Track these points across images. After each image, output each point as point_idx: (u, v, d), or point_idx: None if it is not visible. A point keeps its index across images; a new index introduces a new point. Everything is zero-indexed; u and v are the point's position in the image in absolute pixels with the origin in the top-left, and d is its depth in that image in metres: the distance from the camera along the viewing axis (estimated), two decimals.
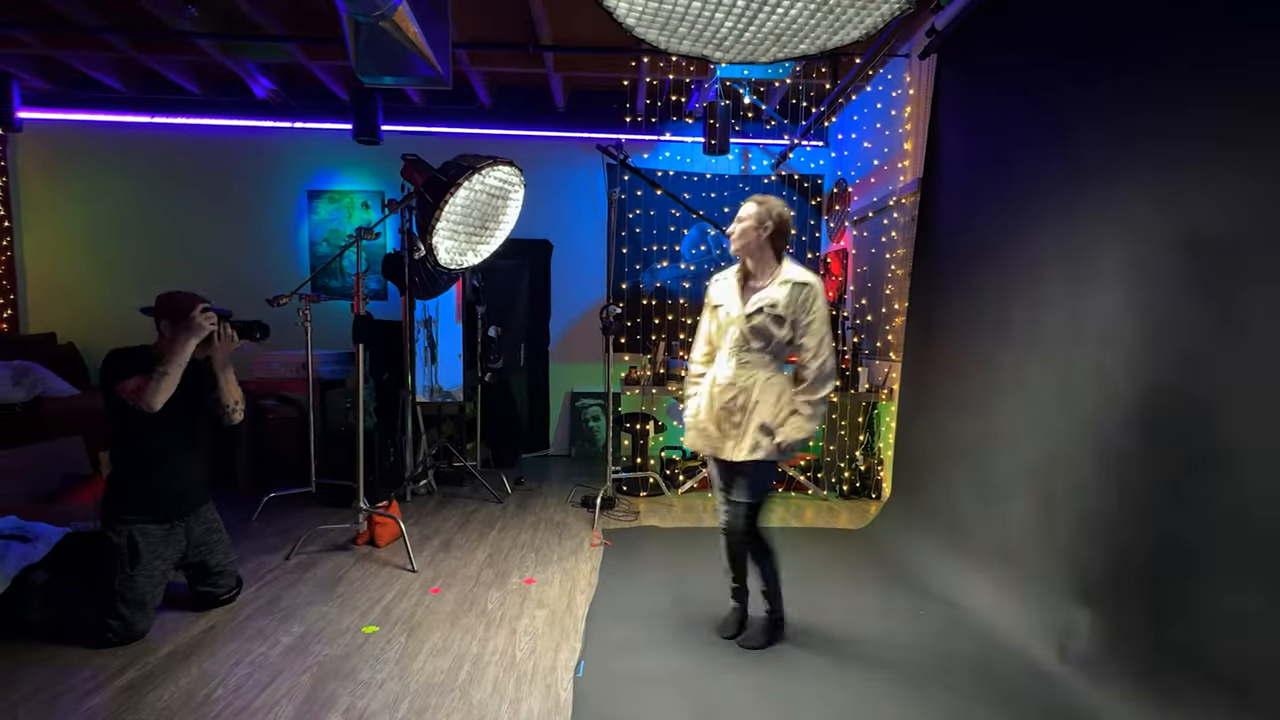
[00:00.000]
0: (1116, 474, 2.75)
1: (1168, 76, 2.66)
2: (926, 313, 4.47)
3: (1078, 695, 2.57)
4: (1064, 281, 3.16)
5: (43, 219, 6.66)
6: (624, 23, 2.84)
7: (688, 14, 2.83)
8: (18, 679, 2.60)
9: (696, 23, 2.90)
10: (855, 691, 2.62)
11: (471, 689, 2.58)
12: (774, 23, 2.91)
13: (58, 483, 4.04)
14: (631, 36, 2.91)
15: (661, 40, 3.03)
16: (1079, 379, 3.02)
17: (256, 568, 3.75)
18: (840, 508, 5.18)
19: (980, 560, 3.51)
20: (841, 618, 3.26)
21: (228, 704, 2.45)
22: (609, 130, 6.51)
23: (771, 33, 3.00)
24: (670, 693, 2.58)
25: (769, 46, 3.15)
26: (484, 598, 3.42)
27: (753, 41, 3.10)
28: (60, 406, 5.13)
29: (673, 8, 2.78)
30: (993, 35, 3.90)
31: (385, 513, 4.04)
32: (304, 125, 6.63)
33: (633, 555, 4.04)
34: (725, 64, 3.43)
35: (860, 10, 2.82)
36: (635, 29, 2.92)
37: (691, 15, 2.84)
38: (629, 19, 2.84)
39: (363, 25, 3.80)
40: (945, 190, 4.37)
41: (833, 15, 2.87)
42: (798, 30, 2.97)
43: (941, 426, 4.14)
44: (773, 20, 2.89)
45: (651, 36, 2.97)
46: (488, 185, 3.40)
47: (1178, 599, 2.43)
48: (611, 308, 4.77)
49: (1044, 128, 3.39)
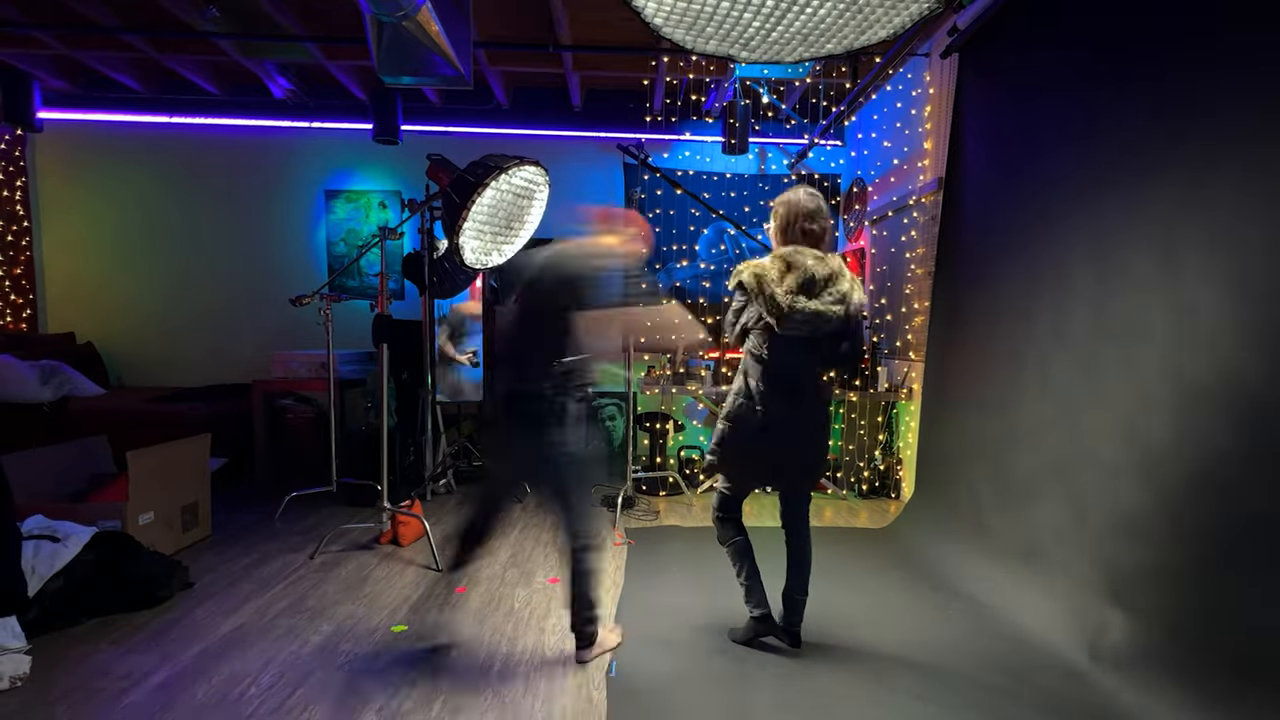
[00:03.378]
0: (1149, 473, 2.73)
1: (1201, 77, 2.65)
2: (949, 312, 4.46)
3: (1111, 695, 2.57)
4: (1092, 280, 3.15)
5: (62, 219, 6.70)
6: (651, 22, 2.83)
7: (715, 14, 2.82)
8: (53, 677, 2.62)
9: (724, 23, 2.90)
10: (889, 689, 2.61)
11: (504, 688, 2.58)
12: (802, 22, 2.90)
13: (84, 482, 4.06)
14: (658, 36, 2.91)
15: (688, 40, 3.02)
16: (1108, 378, 3.00)
17: (282, 567, 3.77)
18: (860, 507, 5.17)
19: (1007, 559, 3.50)
20: (871, 617, 3.26)
21: (262, 702, 2.46)
22: (626, 130, 6.52)
23: (799, 33, 2.99)
24: (704, 692, 2.58)
25: (795, 46, 3.14)
26: (510, 597, 3.43)
27: (779, 41, 3.09)
28: (86, 406, 5.16)
29: (701, 7, 2.77)
30: (1017, 34, 3.88)
31: (409, 512, 4.05)
32: (321, 125, 6.64)
33: (657, 555, 4.05)
34: (749, 64, 3.42)
35: (889, 10, 2.81)
36: (663, 29, 2.91)
37: (720, 15, 2.83)
38: (656, 19, 2.83)
39: (386, 25, 3.81)
40: (968, 190, 4.35)
41: (861, 15, 2.86)
42: (825, 30, 2.96)
43: (965, 426, 4.13)
44: (800, 20, 2.88)
45: (678, 36, 2.96)
46: (514, 185, 3.40)
47: (1212, 599, 2.42)
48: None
49: (1071, 127, 3.37)
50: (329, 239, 6.80)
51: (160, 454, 3.83)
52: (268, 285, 6.66)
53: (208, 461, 4.26)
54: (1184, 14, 2.76)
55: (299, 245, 6.82)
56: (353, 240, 6.78)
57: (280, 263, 6.77)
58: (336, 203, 6.77)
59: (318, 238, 6.82)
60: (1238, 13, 2.52)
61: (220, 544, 4.11)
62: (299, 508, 4.73)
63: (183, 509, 4.00)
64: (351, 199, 6.78)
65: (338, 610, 3.24)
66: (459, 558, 2.92)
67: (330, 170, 6.77)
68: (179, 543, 3.96)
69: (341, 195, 6.78)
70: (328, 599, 3.37)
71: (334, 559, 3.89)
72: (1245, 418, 2.36)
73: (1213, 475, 2.46)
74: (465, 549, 2.92)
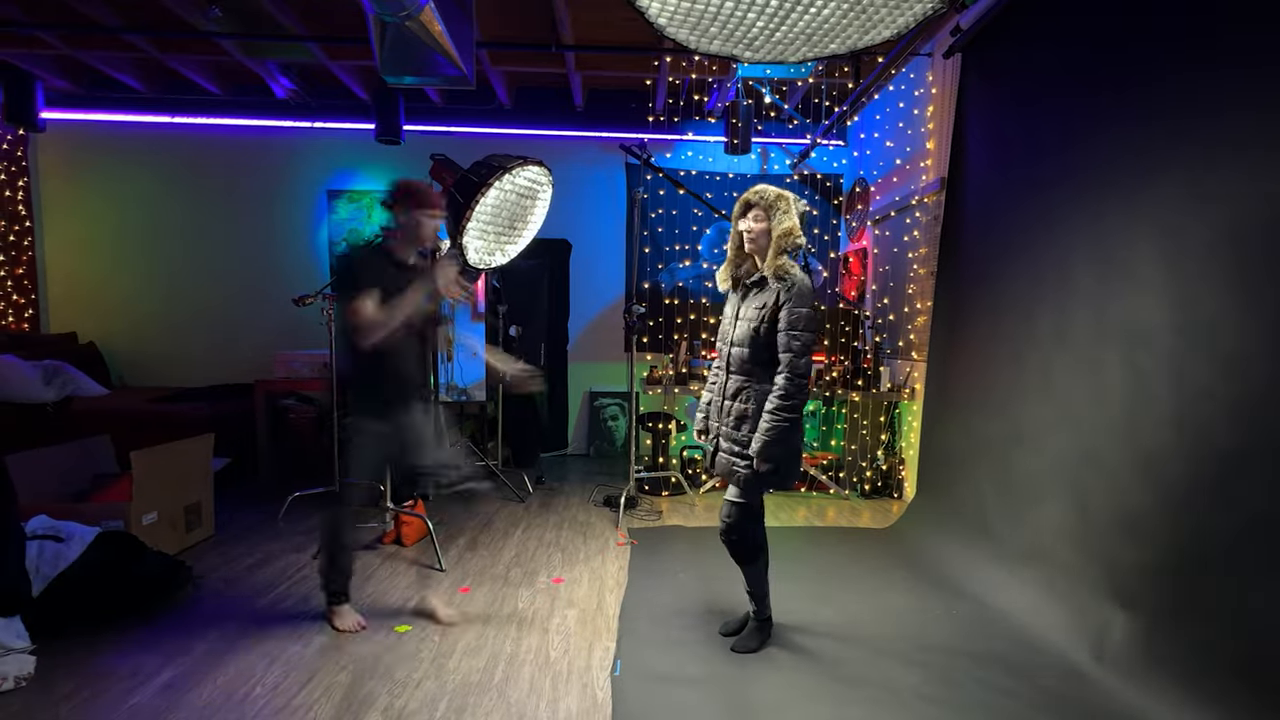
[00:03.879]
0: (1152, 474, 2.74)
1: (1202, 78, 2.65)
2: (952, 312, 4.46)
3: (1115, 695, 2.57)
4: (1094, 280, 3.15)
5: (64, 219, 6.70)
6: (655, 22, 2.83)
7: (719, 14, 2.82)
8: (58, 677, 2.62)
9: (728, 23, 2.90)
10: (893, 690, 2.62)
11: (509, 688, 2.58)
12: (805, 22, 2.90)
13: (87, 482, 4.06)
14: (661, 36, 2.92)
15: (692, 40, 3.03)
16: (1111, 379, 3.01)
17: (285, 567, 3.77)
18: (862, 507, 5.17)
19: (1010, 560, 3.50)
20: (874, 616, 3.26)
21: (267, 702, 2.47)
22: (627, 129, 6.52)
23: (803, 32, 2.99)
24: (708, 692, 2.58)
25: (799, 46, 3.14)
26: (514, 597, 3.43)
27: (783, 41, 3.09)
28: (89, 406, 5.17)
29: (705, 7, 2.77)
30: (1020, 34, 3.88)
31: (412, 512, 4.06)
32: (324, 125, 6.64)
33: (660, 555, 4.05)
34: (752, 63, 3.42)
35: (893, 10, 2.81)
36: (667, 29, 2.91)
37: (723, 15, 2.83)
38: (660, 19, 2.84)
39: (389, 25, 3.81)
40: (971, 190, 4.35)
41: (865, 15, 2.86)
42: (829, 30, 2.96)
43: (968, 426, 4.13)
44: (804, 20, 2.88)
45: (682, 36, 2.97)
46: (518, 185, 3.41)
47: (1215, 599, 2.42)
48: (636, 307, 4.78)
49: (1073, 127, 3.38)
50: (331, 239, 6.80)
51: (164, 454, 3.83)
52: (269, 285, 6.66)
53: (211, 461, 4.26)
54: (1186, 14, 2.76)
55: (301, 245, 6.82)
56: (355, 240, 6.77)
57: (282, 263, 6.76)
58: (338, 203, 6.77)
59: (320, 238, 6.81)
60: (1239, 13, 2.52)
61: (223, 544, 4.12)
62: (302, 508, 4.73)
63: (186, 509, 4.00)
64: (353, 199, 6.78)
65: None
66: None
67: (332, 170, 6.77)
68: (182, 543, 3.97)
69: (343, 195, 6.77)
70: None
71: None
72: (1246, 418, 2.36)
73: (1214, 475, 2.47)
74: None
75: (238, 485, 5.38)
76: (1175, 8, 2.82)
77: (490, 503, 5.15)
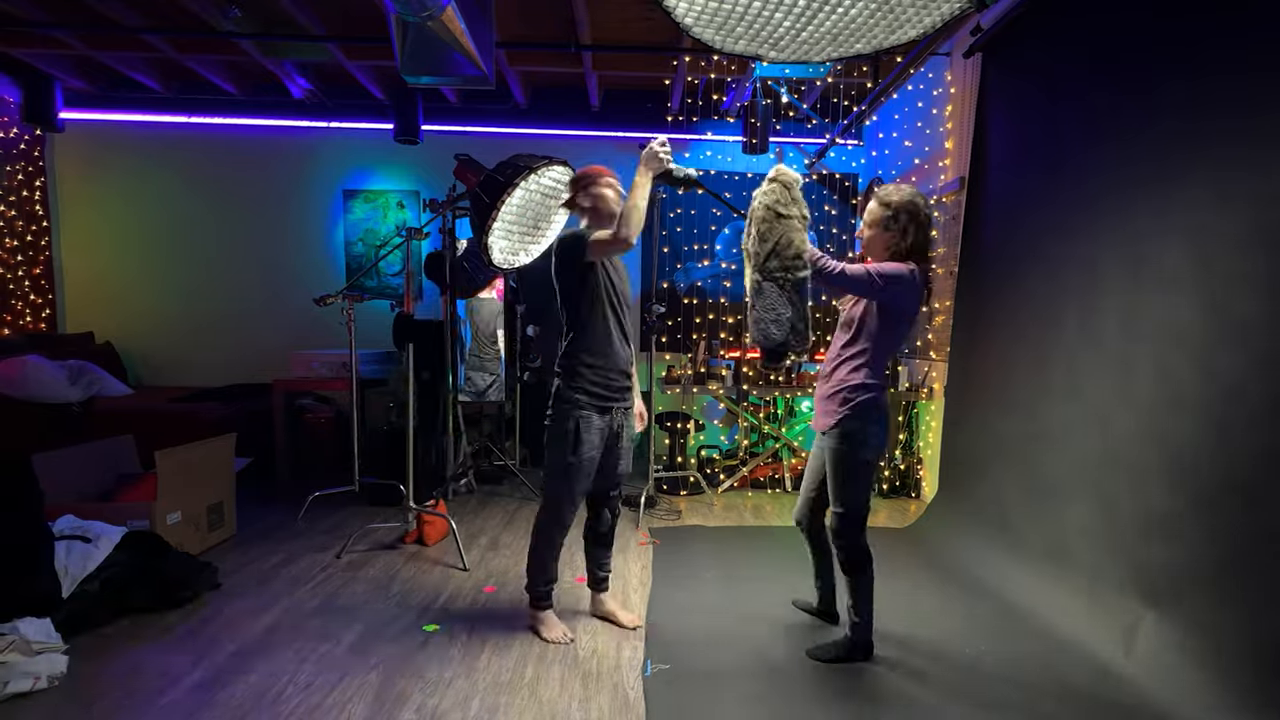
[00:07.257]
0: (1180, 473, 2.73)
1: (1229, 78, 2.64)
2: (974, 313, 4.45)
3: (1147, 694, 2.56)
4: (1122, 280, 3.14)
5: (81, 219, 6.73)
6: (682, 22, 2.82)
7: (747, 13, 2.81)
8: (90, 677, 2.63)
9: (755, 22, 2.88)
10: (925, 689, 2.61)
11: (539, 687, 2.59)
12: (833, 22, 2.89)
13: (111, 481, 4.08)
14: (686, 35, 2.91)
15: (717, 40, 3.01)
16: (1139, 379, 3.00)
17: (309, 566, 3.78)
18: (880, 506, 5.16)
19: (1036, 560, 3.49)
20: (900, 615, 3.24)
21: (300, 701, 2.47)
22: (644, 129, 6.51)
23: (829, 32, 2.98)
24: (738, 691, 2.58)
25: (824, 46, 3.12)
26: None
27: (809, 41, 3.08)
28: (110, 405, 5.19)
29: (732, 7, 2.76)
30: (1042, 34, 3.87)
31: (434, 511, 4.06)
32: (340, 125, 6.66)
33: (682, 554, 4.05)
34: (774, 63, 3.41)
35: (920, 10, 2.80)
36: (693, 29, 2.90)
37: (750, 15, 2.82)
38: (687, 19, 2.82)
39: (410, 25, 3.82)
40: (992, 191, 4.34)
41: (893, 15, 2.85)
42: (856, 30, 2.95)
43: (990, 426, 4.12)
44: (831, 20, 2.87)
45: (708, 36, 2.96)
46: (542, 185, 3.40)
47: (1246, 599, 2.41)
48: (656, 307, 4.78)
49: (1098, 128, 3.36)
50: (347, 239, 6.81)
51: (187, 454, 3.85)
52: (285, 285, 6.68)
53: (233, 461, 4.28)
54: (1213, 12, 2.75)
55: (317, 245, 6.84)
56: (371, 240, 6.79)
57: (298, 262, 6.78)
58: (355, 203, 6.78)
59: (336, 237, 6.83)
60: (1269, 10, 2.51)
61: (246, 543, 4.13)
62: (321, 507, 4.74)
63: (209, 509, 4.02)
64: (370, 199, 6.79)
65: (367, 609, 3.25)
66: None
67: (348, 170, 6.78)
68: (205, 542, 3.98)
69: (360, 195, 6.79)
70: (357, 598, 3.37)
71: (360, 559, 3.90)
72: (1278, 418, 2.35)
73: (1245, 475, 2.46)
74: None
75: (256, 485, 5.38)
76: (1201, 6, 2.81)
77: (510, 502, 5.16)
